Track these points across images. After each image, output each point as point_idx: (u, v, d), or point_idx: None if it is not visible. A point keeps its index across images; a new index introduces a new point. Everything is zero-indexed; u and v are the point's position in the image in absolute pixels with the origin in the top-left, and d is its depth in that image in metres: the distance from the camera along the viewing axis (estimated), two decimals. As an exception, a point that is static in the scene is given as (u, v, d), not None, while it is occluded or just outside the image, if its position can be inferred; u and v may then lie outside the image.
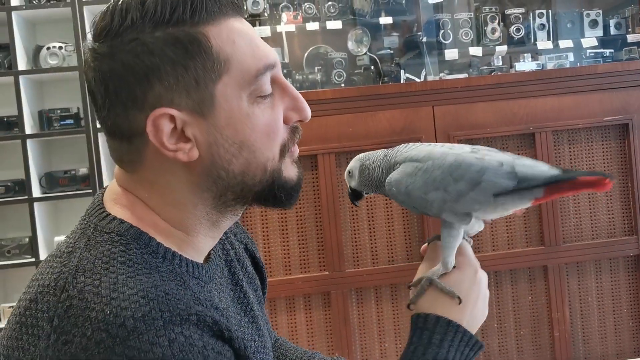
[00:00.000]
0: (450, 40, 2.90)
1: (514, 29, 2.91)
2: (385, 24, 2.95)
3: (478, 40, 2.92)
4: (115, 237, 0.86)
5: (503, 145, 2.63)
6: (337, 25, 2.84)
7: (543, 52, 2.92)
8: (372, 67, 2.92)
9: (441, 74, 2.86)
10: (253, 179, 0.90)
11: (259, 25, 2.84)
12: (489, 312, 1.05)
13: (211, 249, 1.00)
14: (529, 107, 2.61)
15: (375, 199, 2.59)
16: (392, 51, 2.96)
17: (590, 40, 2.89)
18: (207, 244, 0.96)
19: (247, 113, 0.87)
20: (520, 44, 2.93)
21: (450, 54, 2.87)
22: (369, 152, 1.10)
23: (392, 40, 2.98)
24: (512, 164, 0.97)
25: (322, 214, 2.55)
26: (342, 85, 2.82)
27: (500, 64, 2.88)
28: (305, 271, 2.59)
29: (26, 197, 3.33)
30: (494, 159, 0.98)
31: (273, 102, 0.90)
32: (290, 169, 0.94)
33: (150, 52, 0.83)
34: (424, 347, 1.01)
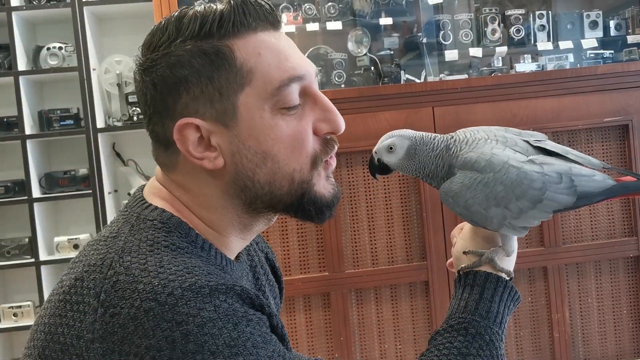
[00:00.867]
0: (450, 41, 2.90)
1: (514, 29, 2.91)
2: (385, 25, 2.95)
3: (478, 41, 2.92)
4: (158, 224, 0.90)
5: (503, 146, 2.63)
6: (337, 26, 2.84)
7: (543, 53, 2.92)
8: (372, 67, 2.91)
9: (441, 75, 2.86)
10: (280, 189, 0.92)
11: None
12: None
13: (239, 252, 1.02)
14: (529, 107, 2.61)
15: (374, 199, 2.59)
16: (392, 52, 2.96)
17: (590, 41, 2.89)
18: (238, 245, 0.99)
19: (269, 124, 0.89)
20: (521, 45, 2.93)
21: (451, 54, 2.86)
22: (415, 132, 1.06)
23: (392, 41, 2.98)
24: (570, 175, 0.97)
25: (322, 215, 2.55)
26: (342, 86, 2.82)
27: (501, 64, 2.88)
28: (305, 272, 2.59)
29: (26, 197, 3.33)
30: (552, 169, 0.97)
31: (301, 113, 0.92)
32: (325, 185, 0.96)
33: (180, 63, 0.88)
34: (475, 301, 1.03)
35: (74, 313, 0.83)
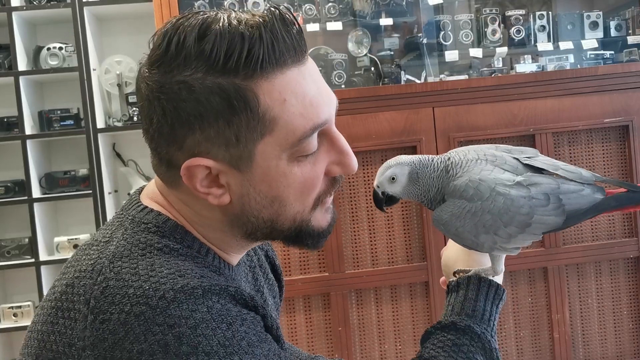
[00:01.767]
0: (450, 42, 2.90)
1: (515, 30, 2.91)
2: (385, 25, 2.95)
3: (478, 42, 2.92)
4: (153, 227, 0.88)
5: (503, 146, 2.63)
6: (338, 26, 2.84)
7: (543, 53, 2.91)
8: (373, 68, 2.91)
9: (441, 75, 2.86)
10: (282, 226, 0.91)
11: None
12: None
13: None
14: (529, 108, 2.61)
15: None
16: (392, 52, 2.96)
17: (590, 41, 2.89)
18: (237, 257, 0.99)
19: (284, 172, 0.86)
20: (521, 46, 2.93)
21: (451, 55, 2.86)
22: (411, 156, 1.06)
23: (393, 41, 2.98)
24: (557, 195, 0.98)
25: (322, 215, 2.55)
26: (343, 86, 2.82)
27: (501, 65, 2.87)
28: (305, 272, 2.59)
29: (26, 197, 3.33)
30: (540, 191, 0.98)
31: (317, 156, 0.89)
32: (321, 218, 0.94)
33: (196, 99, 0.81)
34: (460, 303, 1.05)
35: (65, 320, 0.82)
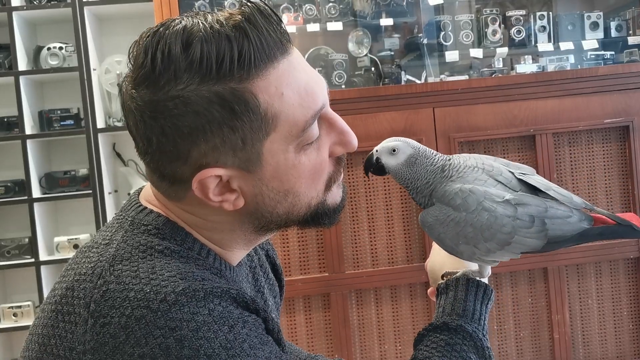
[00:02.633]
0: (451, 42, 2.90)
1: (515, 30, 2.90)
2: (386, 26, 2.95)
3: (479, 42, 2.92)
4: (153, 229, 0.87)
5: (503, 147, 2.63)
6: (338, 26, 2.84)
7: (544, 54, 2.91)
8: (373, 68, 2.91)
9: (442, 76, 2.86)
10: (298, 215, 0.91)
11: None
12: (489, 314, 1.11)
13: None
14: (530, 109, 2.61)
15: (374, 200, 2.59)
16: (392, 53, 2.96)
17: (591, 42, 2.89)
18: (240, 255, 0.98)
19: (293, 164, 0.86)
20: (521, 46, 2.93)
21: (451, 55, 2.86)
22: (419, 144, 1.07)
23: (393, 41, 2.98)
24: (543, 218, 0.99)
25: (322, 216, 2.55)
26: (343, 86, 2.82)
27: (501, 65, 2.87)
28: (305, 272, 2.58)
29: (26, 197, 3.33)
30: (526, 212, 0.99)
31: (320, 141, 0.89)
32: (335, 194, 0.94)
33: (196, 112, 0.79)
34: (451, 304, 1.06)
35: (65, 324, 0.81)
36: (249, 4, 0.83)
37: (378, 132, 2.55)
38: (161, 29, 0.81)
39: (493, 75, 2.79)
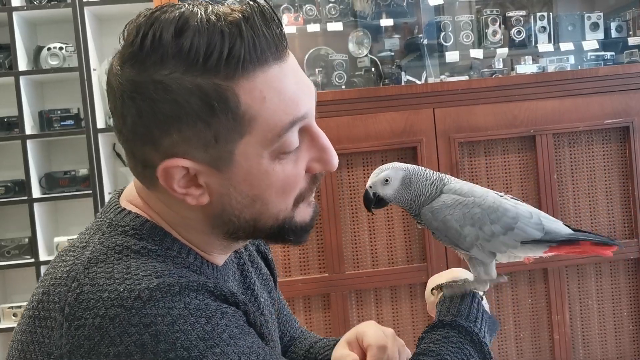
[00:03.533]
0: (451, 43, 2.90)
1: (515, 31, 2.90)
2: (386, 26, 2.95)
3: (479, 43, 2.92)
4: (130, 230, 0.86)
5: (504, 148, 2.62)
6: (338, 27, 2.84)
7: (544, 54, 2.91)
8: (373, 69, 2.91)
9: (442, 76, 2.86)
10: (264, 225, 0.88)
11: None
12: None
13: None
14: (530, 109, 2.61)
15: (375, 201, 2.58)
16: (392, 53, 2.96)
17: (591, 43, 2.89)
18: (222, 258, 0.97)
19: (265, 170, 0.84)
20: (521, 47, 2.93)
21: (451, 56, 2.86)
22: (406, 164, 1.10)
23: (393, 42, 2.98)
24: (538, 216, 1.07)
25: (322, 216, 2.55)
26: (343, 87, 2.82)
27: (501, 66, 2.87)
28: (305, 273, 2.58)
29: (26, 197, 3.33)
30: (525, 208, 1.08)
31: (298, 154, 0.86)
32: (304, 212, 0.91)
33: (174, 100, 0.78)
34: (446, 307, 1.08)
35: (42, 329, 0.80)
36: (252, 3, 0.81)
37: (378, 133, 2.55)
38: (158, 12, 0.81)
39: (493, 76, 2.79)
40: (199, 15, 0.79)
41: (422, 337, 1.04)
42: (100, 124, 3.38)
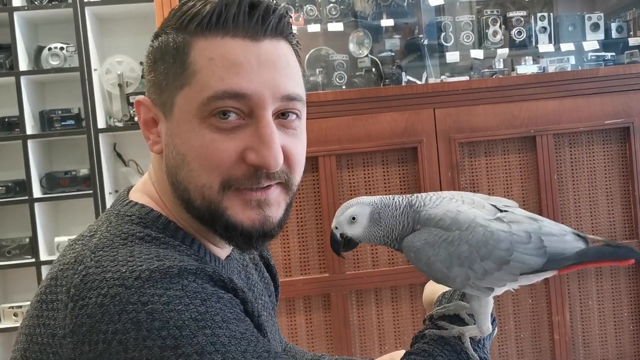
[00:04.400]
0: (451, 43, 2.90)
1: (516, 31, 2.91)
2: (386, 27, 2.95)
3: (479, 43, 2.92)
4: (136, 219, 0.90)
5: (504, 148, 2.63)
6: (339, 27, 2.84)
7: (544, 55, 2.91)
8: (374, 69, 2.91)
9: (442, 77, 2.86)
10: (194, 201, 0.90)
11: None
12: None
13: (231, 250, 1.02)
14: (530, 110, 2.61)
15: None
16: (393, 53, 2.96)
17: (591, 43, 2.89)
18: (223, 252, 0.99)
19: (193, 129, 0.88)
20: (522, 47, 2.93)
21: (452, 56, 2.86)
22: (372, 197, 0.98)
23: (394, 42, 2.98)
24: (539, 235, 0.92)
25: (322, 216, 2.55)
26: (343, 87, 2.82)
27: (502, 66, 2.87)
28: (305, 273, 2.58)
29: (27, 197, 3.33)
30: (521, 228, 0.92)
31: (235, 133, 0.88)
32: (241, 212, 0.90)
33: (158, 47, 0.91)
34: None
35: (48, 312, 0.83)
36: None
37: (379, 133, 2.55)
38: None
39: (494, 76, 2.79)
40: None
41: (416, 337, 1.03)
42: (101, 124, 3.38)
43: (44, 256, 3.35)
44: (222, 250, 0.98)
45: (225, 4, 0.87)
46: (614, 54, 2.91)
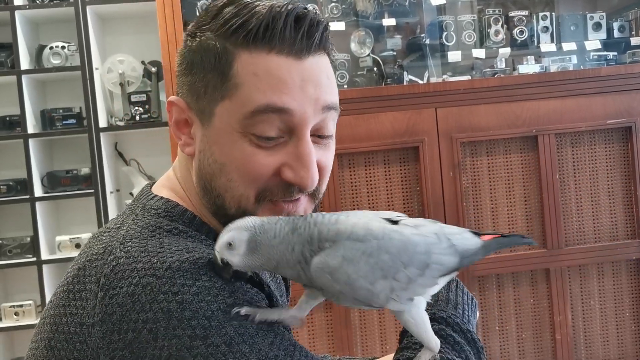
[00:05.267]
0: (453, 42, 2.89)
1: (517, 31, 2.90)
2: (388, 26, 2.95)
3: (481, 43, 2.92)
4: (162, 213, 0.92)
5: (506, 148, 2.62)
6: (340, 26, 2.83)
7: (546, 54, 2.91)
8: (375, 68, 2.91)
9: (444, 76, 2.85)
10: (228, 209, 0.92)
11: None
12: (491, 315, 1.03)
13: None
14: (532, 109, 2.61)
15: (376, 200, 2.59)
16: (395, 53, 2.95)
17: (593, 43, 2.89)
18: None
19: (234, 141, 0.89)
20: (524, 47, 2.93)
21: (453, 56, 2.86)
22: (257, 219, 0.85)
23: (395, 42, 2.97)
24: (445, 235, 0.88)
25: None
26: (345, 86, 2.82)
27: (504, 66, 2.87)
28: (306, 273, 2.58)
29: (28, 196, 3.33)
30: (428, 230, 0.87)
31: (275, 148, 0.89)
32: None
33: (197, 49, 0.91)
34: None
35: (76, 302, 0.84)
36: (297, 2, 0.90)
37: (380, 133, 2.55)
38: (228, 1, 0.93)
39: (495, 76, 2.78)
40: (254, 2, 0.90)
41: (403, 331, 1.00)
42: (102, 123, 3.38)
43: (45, 255, 3.35)
44: None
45: (272, 17, 0.87)
46: (616, 53, 2.91)
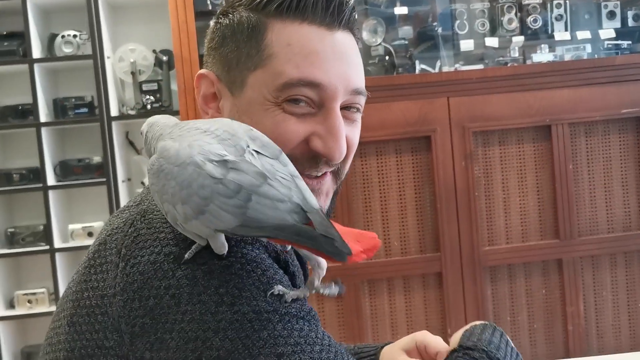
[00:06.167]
0: (465, 31, 2.87)
1: (531, 19, 2.88)
2: (400, 15, 2.93)
3: (494, 31, 2.89)
4: None
5: (518, 137, 2.60)
6: (352, 15, 2.82)
7: (560, 43, 2.88)
8: (387, 57, 2.90)
9: (456, 65, 2.83)
10: None
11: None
12: (502, 306, 1.02)
13: None
14: (546, 99, 2.59)
15: (388, 190, 2.58)
16: (406, 42, 2.94)
17: (608, 31, 2.86)
18: None
19: (266, 109, 0.89)
20: (537, 35, 2.90)
21: (466, 44, 2.84)
22: (165, 116, 0.89)
23: (407, 30, 2.96)
24: (252, 192, 0.76)
25: (335, 205, 2.54)
26: (357, 75, 2.80)
27: (517, 55, 2.85)
28: (317, 262, 2.58)
29: (41, 185, 3.35)
30: (239, 179, 0.76)
31: (306, 118, 0.90)
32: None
33: (229, 25, 0.92)
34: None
35: (97, 275, 0.82)
36: None
37: (392, 122, 2.54)
38: None
39: (508, 65, 2.76)
40: None
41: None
42: (114, 112, 3.39)
43: (57, 243, 3.37)
44: None
45: None
46: (630, 42, 2.88)
